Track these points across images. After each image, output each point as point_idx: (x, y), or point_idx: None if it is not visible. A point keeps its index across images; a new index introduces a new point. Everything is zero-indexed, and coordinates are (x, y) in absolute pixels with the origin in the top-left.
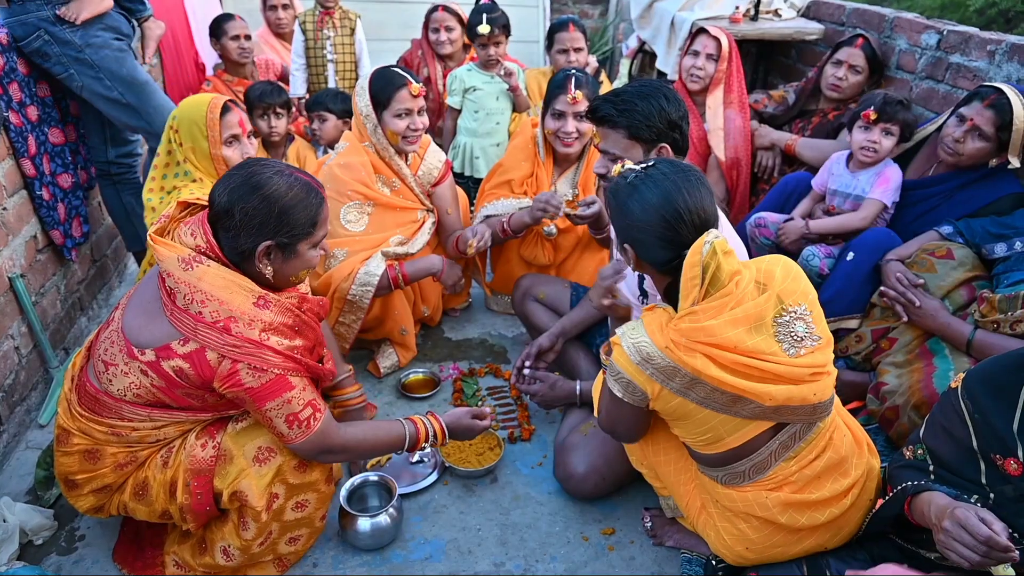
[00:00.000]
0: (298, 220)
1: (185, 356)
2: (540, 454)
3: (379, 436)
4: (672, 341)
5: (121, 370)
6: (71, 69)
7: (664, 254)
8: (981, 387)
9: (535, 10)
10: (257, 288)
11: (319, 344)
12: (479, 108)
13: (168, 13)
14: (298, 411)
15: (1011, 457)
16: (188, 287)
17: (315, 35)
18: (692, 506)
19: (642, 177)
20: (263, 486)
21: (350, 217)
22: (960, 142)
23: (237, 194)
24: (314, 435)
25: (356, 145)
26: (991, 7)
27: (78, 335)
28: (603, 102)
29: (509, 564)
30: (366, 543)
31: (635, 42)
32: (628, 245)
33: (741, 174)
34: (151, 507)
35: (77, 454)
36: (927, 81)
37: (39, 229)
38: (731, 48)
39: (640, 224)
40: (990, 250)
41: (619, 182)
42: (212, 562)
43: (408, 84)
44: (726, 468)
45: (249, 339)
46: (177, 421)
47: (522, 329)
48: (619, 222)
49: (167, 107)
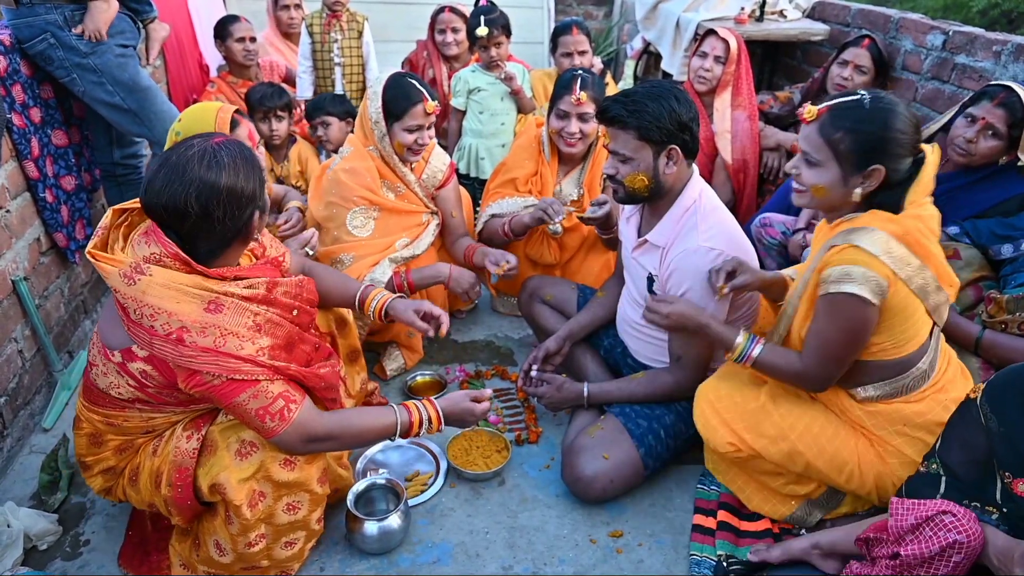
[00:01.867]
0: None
1: (146, 359)
2: (547, 456)
3: (365, 422)
4: (906, 230)
5: (101, 370)
6: (73, 74)
7: (908, 161)
8: (1009, 397)
9: (539, 11)
10: (208, 289)
11: (302, 341)
12: (484, 109)
13: (172, 14)
14: (267, 404)
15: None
16: (135, 301)
17: (322, 38)
18: (853, 453)
19: (879, 96)
20: (241, 479)
21: (356, 223)
22: (973, 142)
23: (181, 190)
24: (292, 425)
25: (361, 150)
26: (994, 8)
27: (82, 338)
28: (613, 103)
29: (517, 567)
30: (373, 547)
31: (640, 43)
32: (878, 165)
33: (748, 176)
34: (140, 495)
35: (85, 436)
36: (933, 82)
37: (42, 232)
38: (740, 50)
39: (902, 136)
40: (996, 251)
41: (863, 107)
42: (208, 556)
43: (424, 101)
44: (903, 376)
45: (204, 347)
46: (163, 414)
47: (528, 331)
48: (874, 141)
49: (168, 113)
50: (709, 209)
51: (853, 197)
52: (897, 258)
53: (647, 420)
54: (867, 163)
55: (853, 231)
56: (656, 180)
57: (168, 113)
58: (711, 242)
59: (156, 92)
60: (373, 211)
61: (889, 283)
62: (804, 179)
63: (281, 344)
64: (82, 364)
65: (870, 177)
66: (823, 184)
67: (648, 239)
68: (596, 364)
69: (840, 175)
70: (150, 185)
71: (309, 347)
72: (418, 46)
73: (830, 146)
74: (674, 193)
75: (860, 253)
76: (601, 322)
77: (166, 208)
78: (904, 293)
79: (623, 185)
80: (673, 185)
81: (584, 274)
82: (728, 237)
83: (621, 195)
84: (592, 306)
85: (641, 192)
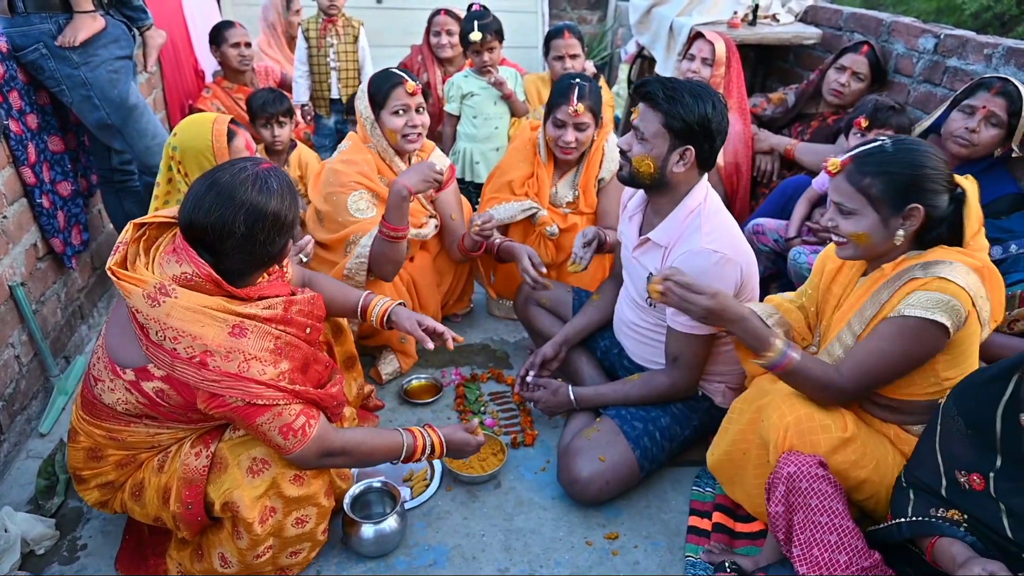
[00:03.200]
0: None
1: (164, 378)
2: (543, 459)
3: (376, 441)
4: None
5: (108, 386)
6: (63, 85)
7: (945, 196)
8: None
9: (534, 16)
10: (233, 313)
11: (315, 361)
12: (477, 114)
13: (168, 21)
14: (291, 420)
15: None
16: (158, 323)
17: (318, 43)
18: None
19: (900, 138)
20: (254, 497)
21: (360, 206)
22: (975, 131)
23: (231, 212)
24: (312, 440)
25: (359, 144)
26: (986, 11)
27: (79, 343)
28: (655, 81)
29: (513, 569)
30: (370, 550)
31: (634, 47)
32: (916, 204)
33: (741, 179)
34: (144, 510)
35: (82, 451)
36: (924, 85)
37: (39, 237)
38: (730, 53)
39: (933, 172)
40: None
41: (886, 151)
42: (211, 567)
43: (404, 82)
44: None
45: (228, 373)
46: (170, 429)
47: (524, 334)
48: (906, 181)
49: (152, 131)
50: (713, 212)
51: (896, 240)
52: (975, 289)
53: (643, 422)
54: (903, 203)
55: (931, 264)
56: (661, 172)
57: (151, 132)
58: (714, 244)
59: (143, 110)
60: (373, 198)
61: (968, 314)
62: (842, 229)
63: (298, 367)
64: (79, 369)
65: (910, 217)
66: (863, 231)
67: (651, 238)
68: (592, 367)
69: (878, 220)
70: (199, 203)
71: (321, 367)
72: (412, 50)
73: (862, 192)
74: (679, 194)
75: (948, 284)
76: (597, 325)
77: (213, 227)
78: (975, 324)
79: (630, 163)
80: (678, 185)
81: (579, 277)
82: (731, 240)
83: (625, 172)
84: (587, 310)
85: (644, 178)
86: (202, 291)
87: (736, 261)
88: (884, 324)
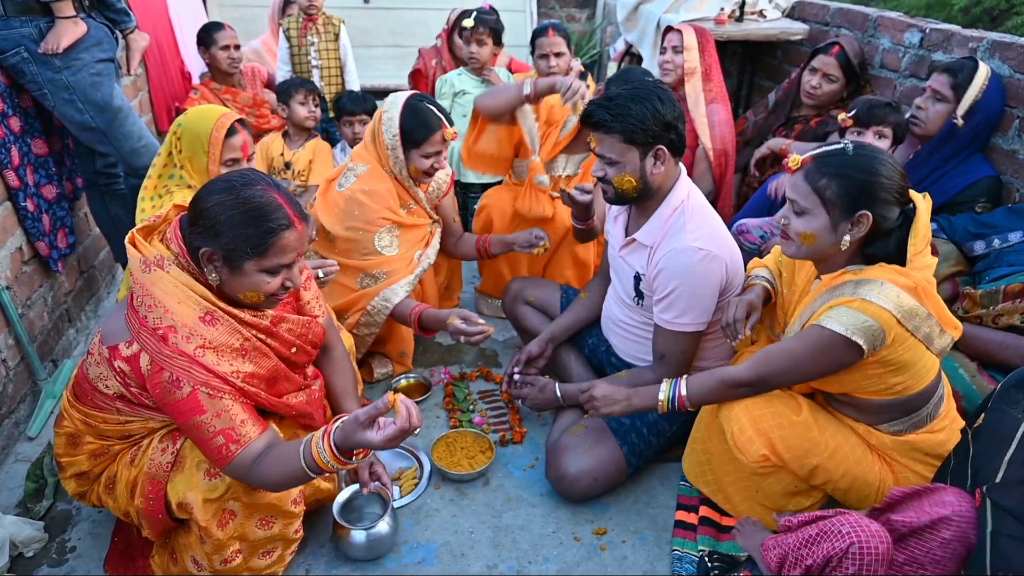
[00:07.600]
0: (246, 235)
1: (127, 359)
2: (532, 456)
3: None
4: (916, 283)
5: (95, 358)
6: (45, 89)
7: (896, 209)
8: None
9: (522, 15)
10: (213, 303)
11: (287, 379)
12: (467, 112)
13: (153, 22)
14: (208, 438)
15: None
16: (142, 288)
17: (299, 41)
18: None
19: (861, 144)
20: (208, 499)
21: (384, 243)
22: (923, 108)
23: (210, 195)
24: (231, 467)
25: (377, 170)
26: (976, 5)
27: (66, 347)
28: (597, 108)
29: (502, 566)
30: (361, 555)
31: (622, 45)
32: (866, 210)
33: (728, 166)
34: (116, 503)
35: (64, 436)
36: (910, 79)
37: (24, 241)
38: (704, 40)
39: (887, 182)
40: (970, 247)
41: (846, 154)
42: (186, 570)
43: (443, 128)
44: (916, 414)
45: (183, 352)
46: (141, 419)
47: (513, 332)
48: (860, 186)
49: (136, 134)
50: (697, 209)
51: (842, 245)
52: (907, 311)
53: (630, 418)
54: (854, 209)
55: (862, 283)
56: (644, 180)
57: (137, 134)
58: (699, 242)
59: (127, 113)
60: (395, 229)
61: (889, 335)
62: (793, 227)
63: (264, 375)
64: (67, 373)
65: (858, 224)
66: (812, 231)
67: (636, 238)
68: (580, 364)
69: (828, 222)
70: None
71: (292, 385)
72: (423, 55)
73: (817, 193)
74: (662, 193)
75: (870, 306)
76: (584, 323)
77: (194, 205)
78: (911, 342)
79: (612, 185)
80: (661, 185)
81: (557, 264)
82: (715, 238)
83: (611, 195)
84: (575, 307)
85: (630, 193)
86: (194, 277)
87: (721, 257)
88: (806, 330)
